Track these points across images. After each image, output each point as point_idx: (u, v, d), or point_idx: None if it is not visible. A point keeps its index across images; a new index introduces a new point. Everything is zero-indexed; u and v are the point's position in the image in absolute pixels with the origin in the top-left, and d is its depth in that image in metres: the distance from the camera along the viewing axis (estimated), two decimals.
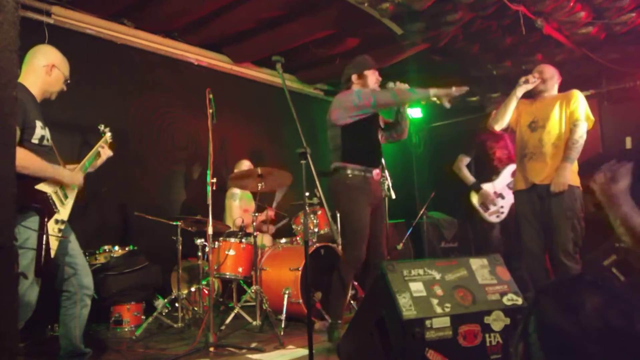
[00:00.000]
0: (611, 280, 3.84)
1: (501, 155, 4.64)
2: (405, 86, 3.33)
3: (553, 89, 3.59)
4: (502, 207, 4.49)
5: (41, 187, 2.51)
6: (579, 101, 3.45)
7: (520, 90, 3.50)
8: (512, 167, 4.54)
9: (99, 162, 2.99)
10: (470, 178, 4.62)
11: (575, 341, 1.00)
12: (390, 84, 3.37)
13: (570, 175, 3.35)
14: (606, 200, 1.74)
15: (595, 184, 1.76)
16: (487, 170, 4.60)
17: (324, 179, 4.83)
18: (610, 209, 1.74)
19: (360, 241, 3.24)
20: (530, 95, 3.60)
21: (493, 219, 4.51)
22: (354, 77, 3.49)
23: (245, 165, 5.06)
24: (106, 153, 3.00)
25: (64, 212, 2.60)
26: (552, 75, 3.58)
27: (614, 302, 1.03)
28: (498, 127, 3.61)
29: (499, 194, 4.52)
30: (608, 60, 5.33)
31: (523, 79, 3.51)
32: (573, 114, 3.42)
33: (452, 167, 4.74)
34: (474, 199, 4.55)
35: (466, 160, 4.70)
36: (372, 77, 3.50)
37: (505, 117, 3.55)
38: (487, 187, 4.52)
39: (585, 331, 1.00)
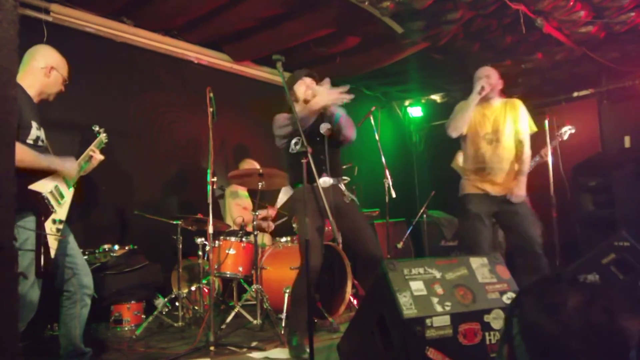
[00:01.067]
0: (609, 278, 3.84)
1: None
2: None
3: (497, 92, 3.74)
4: None
5: (36, 187, 2.51)
6: (524, 114, 3.70)
7: (477, 99, 3.62)
8: None
9: (90, 167, 2.95)
10: None
11: (558, 340, 1.00)
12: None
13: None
14: None
15: None
16: None
17: None
18: None
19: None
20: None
21: None
22: (290, 96, 3.26)
23: (250, 164, 5.06)
24: (97, 158, 2.95)
25: (61, 211, 2.60)
26: (497, 80, 3.72)
27: (595, 300, 1.03)
28: (455, 134, 3.71)
29: None
30: (608, 59, 5.33)
31: (478, 87, 3.61)
32: (521, 130, 3.67)
33: (451, 164, 4.70)
34: None
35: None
36: (300, 89, 3.33)
37: (463, 125, 3.67)
38: None
39: (567, 330, 1.00)
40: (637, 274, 3.73)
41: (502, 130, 3.64)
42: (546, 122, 4.17)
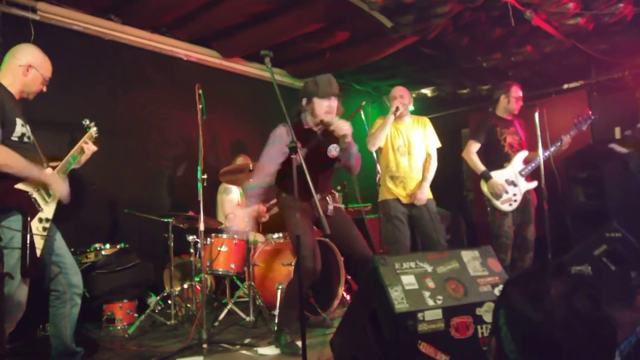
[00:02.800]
0: (601, 270, 3.87)
1: (512, 141, 4.41)
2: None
3: (408, 109, 4.27)
4: (514, 194, 4.33)
5: (22, 186, 2.48)
6: (432, 131, 4.30)
7: (392, 118, 4.08)
8: (523, 154, 4.39)
9: (84, 158, 2.94)
10: (480, 166, 4.40)
11: (542, 328, 1.01)
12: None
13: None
14: None
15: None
16: (498, 157, 4.42)
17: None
18: None
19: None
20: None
21: (506, 207, 4.29)
22: (303, 102, 3.20)
23: (245, 159, 5.03)
24: (90, 149, 2.94)
25: (48, 210, 2.58)
26: (409, 98, 4.27)
27: (579, 287, 1.04)
28: (374, 148, 4.17)
29: (511, 182, 4.35)
30: (597, 51, 5.35)
31: (394, 107, 4.06)
32: (429, 145, 4.25)
33: (462, 154, 4.54)
34: (484, 187, 4.36)
35: (476, 146, 4.46)
36: (322, 107, 3.09)
37: (381, 141, 4.12)
38: (497, 175, 4.34)
39: (550, 318, 1.00)
40: (629, 264, 3.77)
41: (414, 145, 4.16)
42: (536, 114, 4.16)
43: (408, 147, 4.16)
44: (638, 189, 4.69)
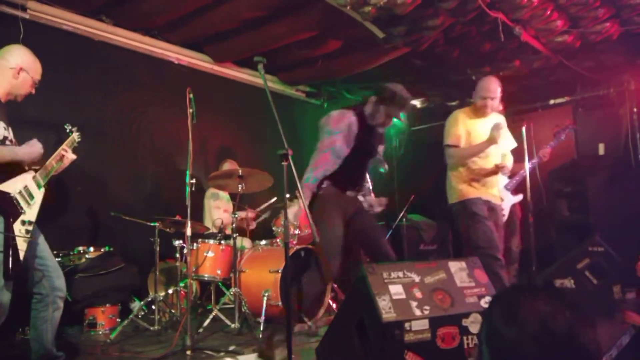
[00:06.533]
0: (584, 283, 3.92)
1: None
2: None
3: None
4: (502, 209, 4.41)
5: (4, 187, 2.44)
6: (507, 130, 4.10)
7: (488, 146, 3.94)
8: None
9: (62, 167, 2.87)
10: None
11: (513, 344, 1.04)
12: None
13: None
14: None
15: None
16: None
17: None
18: None
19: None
20: None
21: None
22: (376, 100, 3.37)
23: (231, 164, 5.01)
24: (69, 158, 2.87)
25: (30, 212, 2.54)
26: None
27: (555, 305, 1.06)
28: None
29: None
30: (583, 68, 5.46)
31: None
32: (508, 144, 4.16)
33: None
34: None
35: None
36: (395, 113, 3.35)
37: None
38: None
39: (521, 334, 1.03)
40: (611, 278, 3.82)
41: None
42: (523, 128, 4.23)
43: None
44: (621, 204, 4.78)
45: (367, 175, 3.66)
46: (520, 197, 4.47)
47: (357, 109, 3.41)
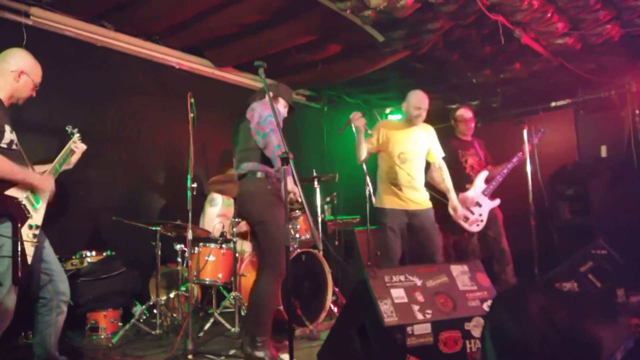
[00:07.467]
0: (587, 286, 3.90)
1: (473, 162, 4.65)
2: None
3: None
4: (480, 215, 4.51)
5: (12, 192, 2.45)
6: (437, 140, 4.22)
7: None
8: (484, 174, 4.59)
9: (74, 158, 2.94)
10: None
11: (519, 340, 1.04)
12: None
13: None
14: None
15: None
16: (461, 179, 4.53)
17: (306, 185, 4.84)
18: None
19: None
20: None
21: (474, 228, 4.47)
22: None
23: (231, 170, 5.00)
24: (80, 148, 2.94)
25: (36, 217, 2.55)
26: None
27: (559, 302, 1.06)
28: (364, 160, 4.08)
29: (476, 202, 4.53)
30: (584, 70, 5.45)
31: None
32: (436, 154, 4.18)
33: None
34: (452, 211, 4.34)
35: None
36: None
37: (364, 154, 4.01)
38: (461, 197, 4.42)
39: (528, 330, 1.03)
40: (614, 281, 3.81)
41: (417, 152, 4.06)
42: (524, 131, 4.24)
43: (410, 155, 3.95)
44: (623, 206, 4.77)
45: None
46: (497, 201, 4.59)
47: None
